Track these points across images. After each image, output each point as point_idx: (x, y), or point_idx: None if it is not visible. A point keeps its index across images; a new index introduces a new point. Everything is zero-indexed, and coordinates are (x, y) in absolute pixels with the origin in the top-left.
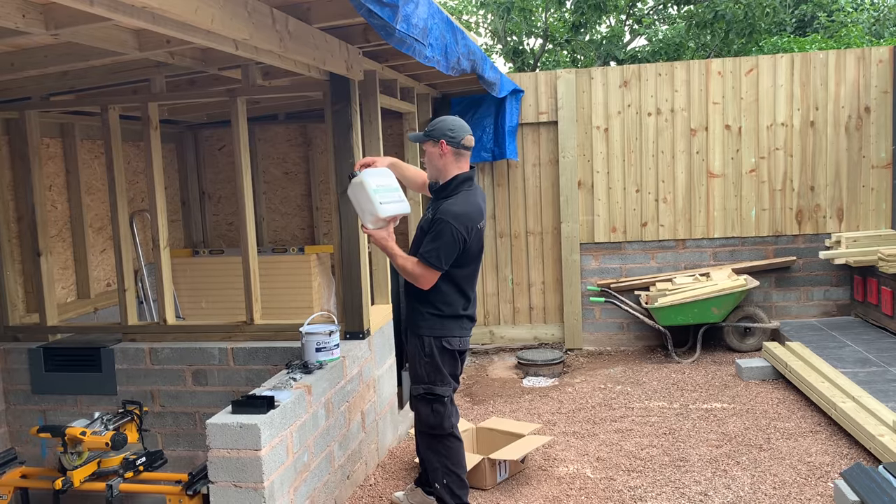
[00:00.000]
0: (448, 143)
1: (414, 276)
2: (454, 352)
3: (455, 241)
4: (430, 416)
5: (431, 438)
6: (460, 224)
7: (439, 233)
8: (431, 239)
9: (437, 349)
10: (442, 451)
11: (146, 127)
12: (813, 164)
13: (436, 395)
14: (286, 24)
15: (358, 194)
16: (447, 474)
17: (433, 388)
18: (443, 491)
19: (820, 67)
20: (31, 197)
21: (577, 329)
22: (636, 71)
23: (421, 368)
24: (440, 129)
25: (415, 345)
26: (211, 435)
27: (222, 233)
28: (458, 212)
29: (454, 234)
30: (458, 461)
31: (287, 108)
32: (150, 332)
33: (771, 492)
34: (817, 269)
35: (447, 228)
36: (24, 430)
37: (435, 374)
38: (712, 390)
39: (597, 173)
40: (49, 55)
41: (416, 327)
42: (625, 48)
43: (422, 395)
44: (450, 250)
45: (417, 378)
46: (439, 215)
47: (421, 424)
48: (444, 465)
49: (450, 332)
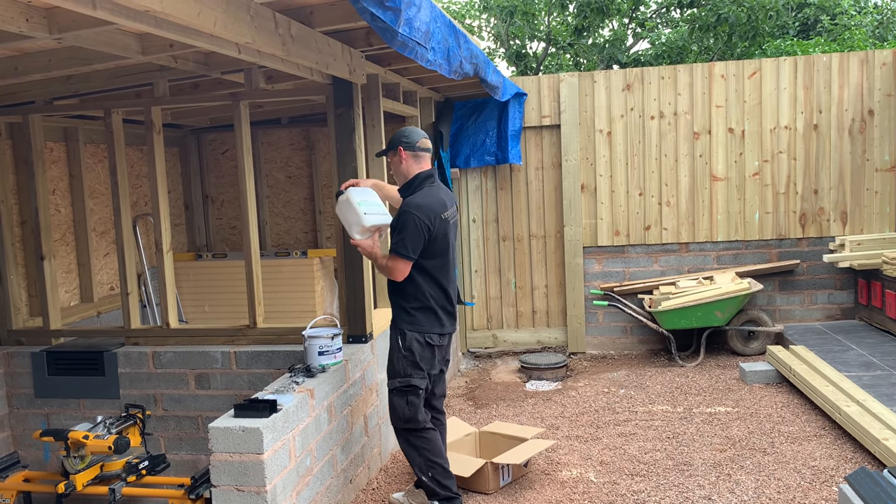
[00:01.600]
0: (405, 148)
1: (387, 269)
2: (434, 347)
3: (419, 230)
4: (404, 408)
5: (408, 433)
6: (422, 213)
7: (403, 224)
8: (398, 231)
9: (418, 344)
10: (420, 445)
11: (149, 131)
12: (816, 167)
13: (412, 387)
14: (289, 27)
15: (344, 210)
16: (431, 466)
17: (410, 379)
18: (430, 483)
19: (823, 70)
20: (35, 201)
21: (580, 333)
22: (639, 74)
23: (398, 362)
24: (396, 139)
25: (393, 339)
26: (213, 439)
27: (225, 236)
28: (419, 203)
29: (416, 222)
30: (438, 451)
31: (290, 112)
32: (153, 335)
33: (775, 496)
34: (821, 273)
35: (409, 218)
36: (27, 433)
37: (412, 367)
38: (716, 394)
39: (600, 177)
40: (53, 59)
41: (396, 322)
42: (628, 52)
43: (398, 388)
44: (415, 238)
45: (394, 372)
46: (402, 208)
47: (396, 420)
48: (425, 458)
49: (430, 328)
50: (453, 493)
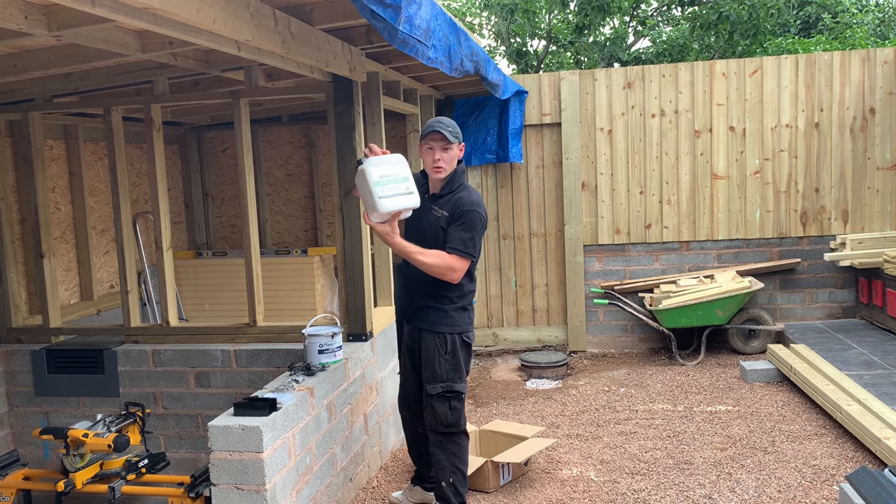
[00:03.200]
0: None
1: (446, 268)
2: (469, 345)
3: (483, 228)
4: (447, 414)
5: (444, 437)
6: (483, 210)
7: (471, 222)
8: (463, 229)
9: (459, 345)
10: (452, 450)
11: (149, 129)
12: (818, 165)
13: (455, 392)
14: (289, 25)
15: (361, 184)
16: (454, 472)
17: (453, 385)
18: (448, 490)
19: (825, 68)
20: (35, 199)
21: (580, 331)
22: (640, 72)
23: (440, 367)
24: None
25: (433, 343)
26: (213, 437)
27: (226, 234)
28: (477, 200)
29: (482, 220)
30: (464, 459)
31: (290, 110)
32: (152, 333)
33: (776, 495)
34: (822, 272)
35: (477, 217)
36: (27, 431)
37: (454, 371)
38: (717, 393)
39: (600, 175)
40: (52, 57)
41: (435, 325)
42: (628, 50)
43: (440, 394)
44: (480, 238)
45: (435, 377)
46: (465, 207)
47: (437, 424)
48: (452, 464)
49: (468, 326)
50: (464, 502)
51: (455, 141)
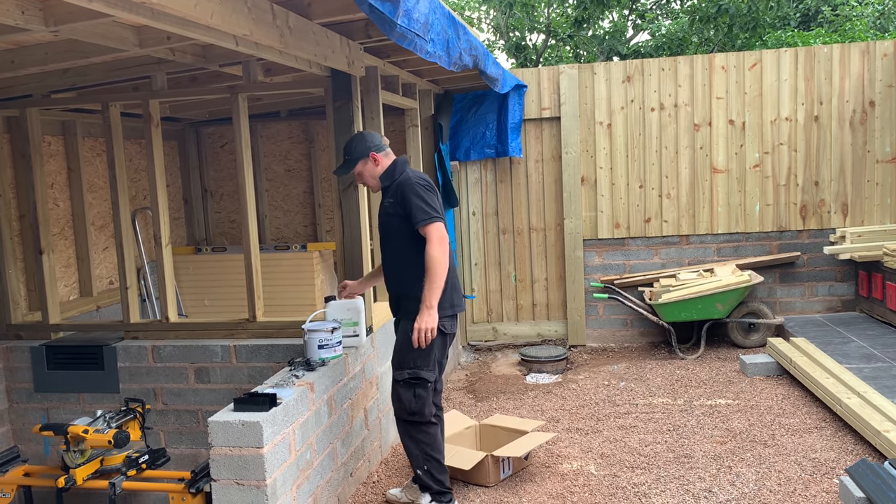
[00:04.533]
0: (376, 151)
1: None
2: (446, 336)
3: (427, 188)
4: (412, 401)
5: (410, 426)
6: (418, 178)
7: (411, 193)
8: (413, 202)
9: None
10: (421, 438)
11: (147, 124)
12: (817, 158)
13: (420, 380)
14: (287, 19)
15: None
16: (427, 460)
17: (419, 371)
18: (425, 477)
19: (824, 62)
20: (33, 195)
21: (580, 326)
22: (639, 66)
23: (409, 353)
24: (361, 147)
25: (404, 329)
26: (213, 433)
27: (225, 230)
28: (412, 175)
29: (421, 184)
30: (437, 446)
31: (289, 105)
32: (152, 329)
33: (776, 488)
34: (822, 265)
35: (412, 185)
36: (27, 428)
37: (423, 359)
38: (716, 386)
39: (600, 169)
40: (49, 52)
41: (410, 312)
42: (628, 43)
43: (406, 380)
44: (431, 196)
45: (402, 364)
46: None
47: (401, 412)
48: (423, 452)
49: (443, 311)
50: (446, 487)
51: (352, 165)
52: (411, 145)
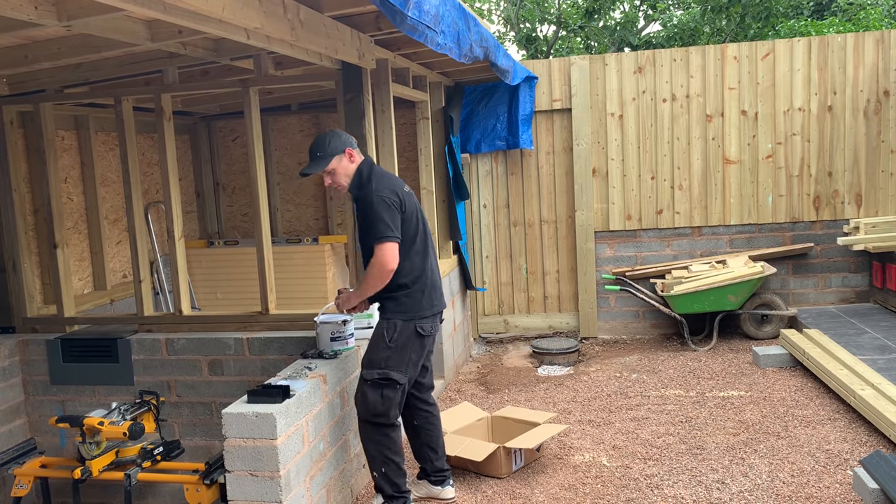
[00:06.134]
0: (351, 147)
1: (380, 263)
2: (424, 338)
3: (390, 206)
4: (378, 402)
5: (372, 427)
6: (385, 189)
7: (370, 209)
8: (369, 221)
9: (410, 335)
10: (382, 441)
11: (160, 118)
12: (831, 149)
13: (390, 381)
14: (297, 12)
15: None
16: (385, 463)
17: (389, 372)
18: (381, 480)
19: (838, 51)
20: (47, 189)
21: (592, 317)
22: (651, 57)
23: (380, 353)
24: (336, 143)
25: (381, 328)
26: (227, 424)
27: (237, 224)
28: (375, 185)
29: (379, 199)
30: (397, 449)
31: (300, 99)
32: (165, 322)
33: (789, 479)
34: (835, 256)
35: (372, 200)
36: (43, 420)
37: (395, 360)
38: (729, 378)
39: (611, 161)
40: (62, 47)
41: (385, 311)
42: (639, 34)
43: (375, 380)
44: (389, 213)
45: (372, 363)
46: (366, 201)
47: (365, 412)
48: (382, 455)
49: (421, 313)
50: (402, 492)
51: (326, 161)
52: (422, 138)
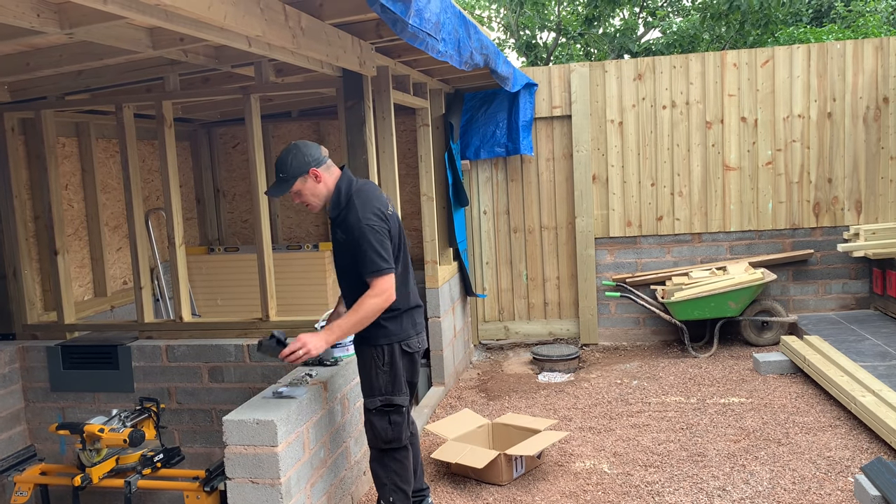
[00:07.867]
0: (316, 166)
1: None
2: (413, 354)
3: (380, 233)
4: (387, 429)
5: (383, 453)
6: (372, 216)
7: (362, 239)
8: (362, 250)
9: (398, 355)
10: (393, 467)
11: (160, 125)
12: (830, 155)
13: (394, 406)
14: (298, 20)
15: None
16: (394, 491)
17: (392, 398)
18: None
19: (837, 58)
20: (48, 196)
21: (592, 324)
22: (650, 64)
23: (377, 380)
24: (297, 162)
25: (369, 355)
26: (227, 431)
27: (237, 230)
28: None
29: (370, 226)
30: (406, 477)
31: (300, 105)
32: (166, 329)
33: (790, 486)
34: (835, 262)
35: (363, 230)
36: (43, 427)
37: (393, 383)
38: (730, 385)
39: (611, 167)
40: (64, 54)
41: (368, 338)
42: (639, 41)
43: (379, 409)
44: (384, 244)
45: (372, 391)
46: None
47: (376, 441)
48: (392, 482)
49: (406, 334)
50: None
51: (289, 183)
52: (422, 144)
